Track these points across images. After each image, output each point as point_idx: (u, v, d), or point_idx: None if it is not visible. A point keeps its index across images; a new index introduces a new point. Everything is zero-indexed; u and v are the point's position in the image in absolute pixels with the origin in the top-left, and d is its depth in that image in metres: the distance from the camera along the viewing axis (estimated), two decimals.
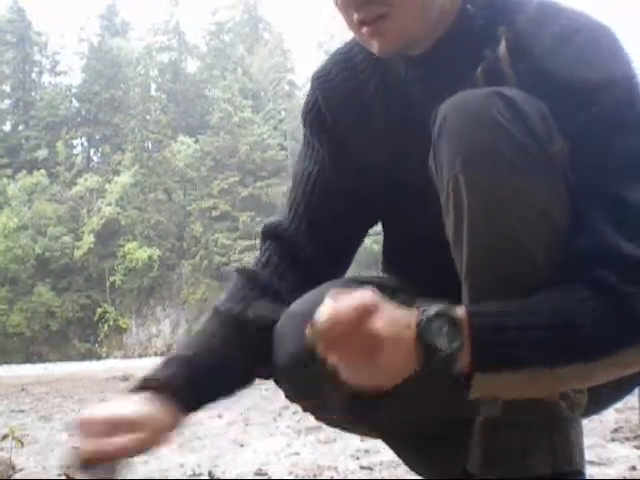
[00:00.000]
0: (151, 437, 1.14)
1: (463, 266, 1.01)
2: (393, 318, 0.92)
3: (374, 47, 1.12)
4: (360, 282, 1.25)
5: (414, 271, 1.26)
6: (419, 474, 1.33)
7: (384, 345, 0.91)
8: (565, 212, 0.99)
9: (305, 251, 1.30)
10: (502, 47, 1.06)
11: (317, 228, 1.31)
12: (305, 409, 1.25)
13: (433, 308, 0.93)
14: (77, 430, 1.12)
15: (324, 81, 1.33)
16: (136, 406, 1.15)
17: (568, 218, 0.99)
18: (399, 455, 1.32)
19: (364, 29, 1.10)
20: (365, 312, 0.91)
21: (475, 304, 0.97)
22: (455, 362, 0.93)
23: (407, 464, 1.34)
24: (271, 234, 1.34)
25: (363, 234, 1.38)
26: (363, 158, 1.28)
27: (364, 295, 0.92)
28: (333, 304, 0.91)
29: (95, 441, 1.09)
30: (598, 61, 1.03)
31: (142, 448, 1.14)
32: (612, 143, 1.01)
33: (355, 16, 1.10)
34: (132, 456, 1.14)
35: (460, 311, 0.94)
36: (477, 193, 0.97)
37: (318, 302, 1.15)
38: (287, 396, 1.24)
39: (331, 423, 1.30)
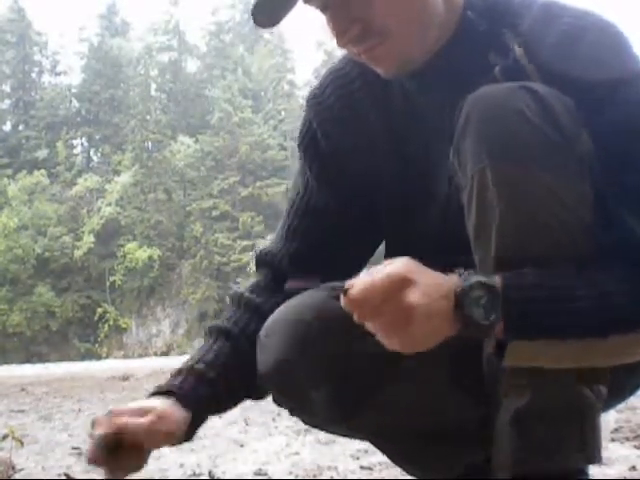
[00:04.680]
0: (173, 428, 1.16)
1: (488, 262, 1.00)
2: (429, 288, 0.92)
3: (378, 71, 1.12)
4: None
5: None
6: (413, 476, 1.33)
7: (416, 317, 0.90)
8: (590, 206, 0.99)
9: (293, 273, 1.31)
10: (517, 50, 1.06)
11: (307, 253, 1.32)
12: (292, 413, 1.26)
13: (473, 277, 0.93)
14: (100, 424, 1.11)
15: (318, 102, 1.32)
16: (155, 401, 1.18)
17: (592, 213, 0.99)
18: (389, 457, 1.32)
19: (362, 57, 1.10)
20: (400, 282, 0.91)
21: (510, 273, 0.95)
22: (491, 332, 0.93)
23: (399, 466, 1.34)
24: (262, 261, 1.37)
25: (365, 252, 1.38)
26: (363, 175, 1.28)
27: (400, 265, 0.92)
28: (368, 273, 0.92)
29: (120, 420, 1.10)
30: (610, 59, 1.03)
31: (164, 436, 1.15)
32: (629, 140, 1.01)
33: (350, 49, 1.10)
34: (155, 442, 1.15)
35: (498, 281, 0.93)
36: (504, 187, 0.96)
37: (300, 308, 1.17)
38: (274, 400, 1.24)
39: (318, 426, 1.30)
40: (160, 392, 1.21)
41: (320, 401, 1.17)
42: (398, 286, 0.91)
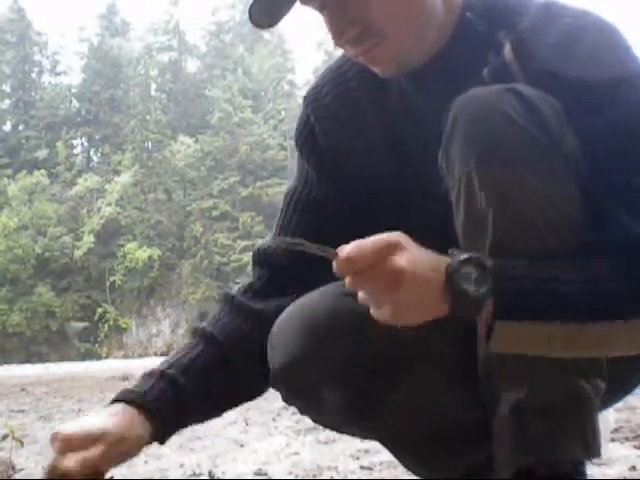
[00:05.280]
0: (127, 449, 1.16)
1: None
2: (420, 258, 0.92)
3: (375, 71, 1.13)
4: None
5: None
6: (418, 475, 1.33)
7: (406, 280, 0.90)
8: (577, 208, 0.99)
9: (293, 271, 1.30)
10: (507, 50, 1.06)
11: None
12: (302, 411, 1.25)
13: (463, 254, 0.93)
14: (53, 446, 1.12)
15: (316, 100, 1.33)
16: (110, 419, 1.16)
17: (580, 214, 0.99)
18: (396, 457, 1.32)
19: (360, 58, 1.11)
20: (390, 246, 0.91)
21: (500, 258, 0.95)
22: (482, 308, 0.92)
23: (405, 466, 1.34)
24: (260, 260, 1.36)
25: None
26: (360, 173, 1.28)
27: (394, 234, 0.93)
28: (359, 240, 0.92)
29: (73, 455, 1.10)
30: (609, 59, 1.03)
31: (119, 458, 1.16)
32: (629, 140, 1.01)
33: (347, 50, 1.11)
34: (109, 467, 1.14)
35: (488, 260, 0.93)
36: (491, 190, 0.96)
37: (312, 306, 1.16)
38: (284, 398, 1.24)
39: (328, 425, 1.30)
40: (125, 400, 1.20)
41: (332, 401, 1.16)
42: (388, 249, 0.91)
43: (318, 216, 1.32)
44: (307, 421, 1.34)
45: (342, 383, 1.14)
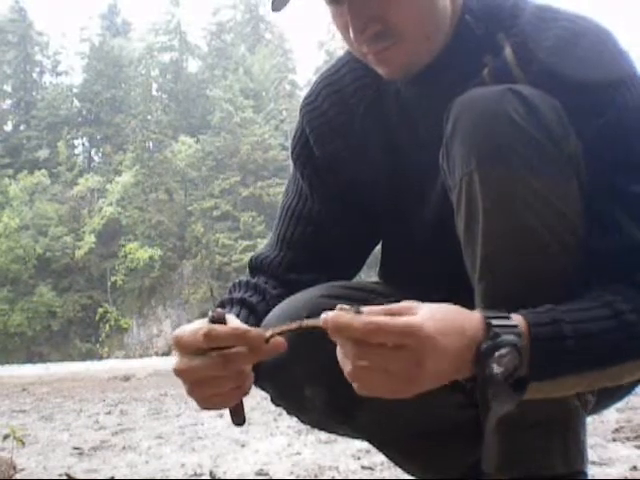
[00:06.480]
0: None
1: (477, 265, 1.00)
2: (445, 324, 0.86)
3: (381, 72, 1.12)
4: (350, 287, 1.24)
5: (413, 279, 1.25)
6: (413, 475, 1.32)
7: (433, 348, 0.84)
8: (578, 210, 0.99)
9: (290, 281, 1.29)
10: (508, 51, 1.06)
11: (304, 261, 1.31)
12: (289, 412, 1.25)
13: (499, 337, 0.86)
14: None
15: (311, 110, 1.32)
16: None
17: (581, 216, 0.99)
18: (388, 457, 1.32)
19: (370, 57, 1.09)
20: (409, 309, 0.85)
21: (525, 309, 0.91)
22: (513, 377, 0.88)
23: (399, 466, 1.34)
24: (257, 268, 1.35)
25: (363, 253, 1.38)
26: (356, 180, 1.28)
27: (408, 302, 0.87)
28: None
29: None
30: (607, 61, 1.03)
31: None
32: (630, 142, 1.01)
33: (361, 48, 1.09)
34: None
35: (518, 321, 0.89)
36: (492, 191, 0.95)
37: (301, 304, 1.16)
38: (272, 399, 1.24)
39: (316, 426, 1.30)
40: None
41: (316, 400, 1.17)
42: (407, 311, 0.85)
43: (315, 229, 1.32)
44: None
45: (324, 383, 1.13)
